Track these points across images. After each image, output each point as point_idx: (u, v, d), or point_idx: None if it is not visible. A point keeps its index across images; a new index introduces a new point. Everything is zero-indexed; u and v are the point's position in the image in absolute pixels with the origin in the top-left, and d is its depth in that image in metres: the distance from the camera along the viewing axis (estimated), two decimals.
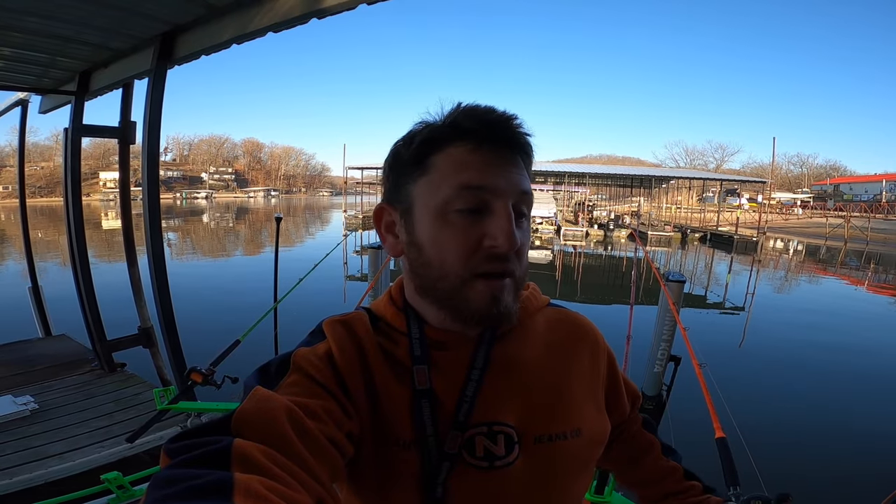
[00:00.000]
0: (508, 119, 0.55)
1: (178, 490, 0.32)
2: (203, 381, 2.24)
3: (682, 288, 4.54)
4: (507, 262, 0.53)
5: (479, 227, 0.53)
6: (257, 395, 0.45)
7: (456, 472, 0.55)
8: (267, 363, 0.54)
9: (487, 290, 0.53)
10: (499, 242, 0.52)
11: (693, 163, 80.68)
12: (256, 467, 0.36)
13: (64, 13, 2.62)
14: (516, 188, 0.54)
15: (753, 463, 2.17)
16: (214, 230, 31.90)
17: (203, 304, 9.28)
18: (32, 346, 4.56)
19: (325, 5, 2.09)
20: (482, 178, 0.53)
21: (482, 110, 0.55)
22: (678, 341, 4.42)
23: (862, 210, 36.23)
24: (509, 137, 0.55)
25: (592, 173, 35.79)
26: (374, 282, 4.64)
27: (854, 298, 13.23)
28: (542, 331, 0.65)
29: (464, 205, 0.53)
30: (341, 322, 0.59)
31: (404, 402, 0.56)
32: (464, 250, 0.53)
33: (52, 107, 4.47)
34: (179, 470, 0.35)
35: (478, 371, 0.58)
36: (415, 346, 0.58)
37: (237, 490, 0.32)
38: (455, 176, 0.53)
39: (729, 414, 2.19)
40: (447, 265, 0.54)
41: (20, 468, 2.50)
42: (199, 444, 0.38)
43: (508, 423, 0.57)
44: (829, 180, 59.12)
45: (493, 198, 0.53)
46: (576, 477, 0.62)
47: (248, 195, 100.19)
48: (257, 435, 0.40)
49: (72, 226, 3.90)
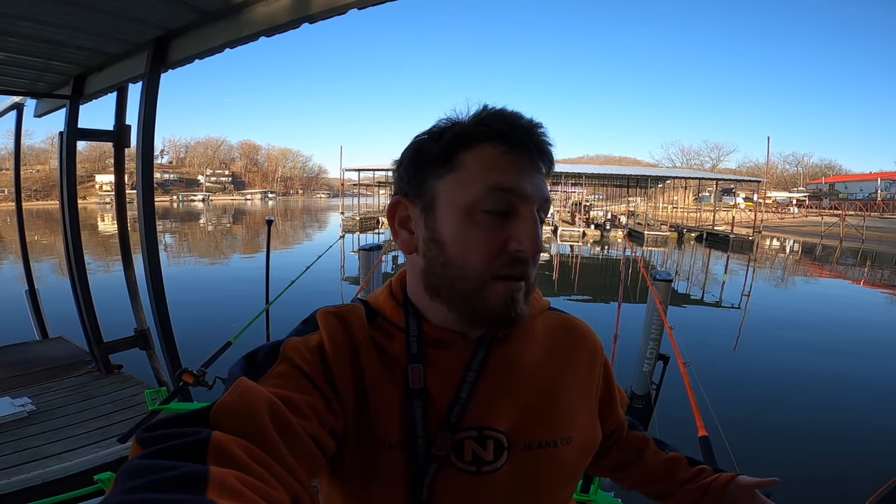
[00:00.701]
0: (537, 126, 0.56)
1: (149, 481, 0.30)
2: (194, 382, 2.27)
3: (669, 287, 4.57)
4: (528, 266, 0.54)
5: (506, 229, 0.53)
6: (240, 387, 0.44)
7: (442, 476, 0.54)
8: (255, 350, 0.53)
9: (506, 293, 0.53)
10: (524, 246, 0.52)
11: (689, 162, 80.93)
12: (233, 462, 0.36)
13: (57, 18, 2.64)
14: (541, 194, 0.55)
15: (735, 464, 2.20)
16: (212, 233, 31.83)
17: (199, 306, 9.29)
18: (30, 349, 4.58)
19: (315, 11, 2.13)
20: (513, 182, 0.53)
21: (512, 114, 0.55)
22: (668, 340, 4.46)
23: (857, 208, 36.46)
24: (538, 144, 0.55)
25: (589, 173, 35.87)
26: (366, 283, 4.65)
27: (848, 297, 13.33)
28: (542, 335, 0.64)
29: (492, 206, 0.52)
30: (336, 314, 0.58)
31: (394, 402, 0.55)
32: (488, 251, 0.53)
33: (48, 110, 4.49)
34: (151, 461, 0.33)
35: (473, 373, 0.57)
36: (412, 343, 0.57)
37: (212, 484, 0.31)
38: (486, 176, 0.53)
39: (712, 413, 2.20)
40: (470, 265, 0.53)
41: (18, 468, 2.53)
42: (175, 435, 0.37)
43: (499, 429, 0.57)
44: (824, 179, 59.40)
45: (521, 202, 0.53)
46: (562, 484, 0.62)
47: (245, 197, 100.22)
48: (236, 428, 0.40)
49: (68, 229, 3.91)
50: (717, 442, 1.85)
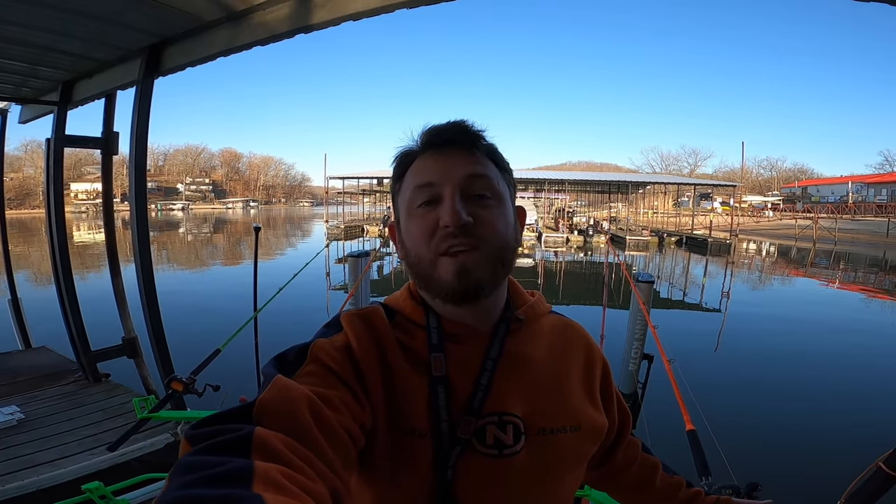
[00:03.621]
0: (455, 125, 0.64)
1: (200, 477, 0.32)
2: (184, 390, 2.27)
3: (651, 287, 4.73)
4: (462, 237, 0.58)
5: (434, 213, 0.60)
6: (279, 384, 0.47)
7: (465, 459, 0.58)
8: (284, 352, 0.57)
9: (452, 265, 0.59)
10: (445, 221, 0.58)
11: (668, 168, 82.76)
12: (276, 456, 0.37)
13: (44, 22, 2.63)
14: (460, 174, 0.61)
15: (723, 455, 2.28)
16: (192, 243, 31.34)
17: (184, 315, 9.18)
18: (13, 358, 4.51)
19: (312, 22, 2.19)
20: (430, 176, 0.62)
21: (439, 126, 0.64)
22: (653, 341, 4.59)
23: (829, 211, 37.61)
24: (452, 137, 0.63)
25: (572, 180, 36.41)
26: (355, 290, 4.68)
27: (821, 295, 13.77)
28: (546, 333, 0.70)
29: (421, 199, 0.62)
30: (359, 316, 0.62)
31: (421, 392, 0.60)
32: (425, 234, 0.60)
33: (33, 117, 4.45)
34: (201, 457, 0.36)
35: (492, 361, 0.63)
36: (432, 335, 0.63)
37: (257, 478, 0.33)
38: (414, 179, 0.63)
39: (698, 408, 2.29)
40: (417, 250, 0.62)
41: (13, 476, 2.51)
42: (221, 432, 0.39)
43: (517, 415, 0.62)
44: (797, 183, 61.25)
45: (442, 188, 0.61)
46: (570, 469, 0.67)
47: (227, 206, 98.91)
48: (278, 424, 0.42)
49: (54, 236, 3.87)
50: (704, 435, 1.93)
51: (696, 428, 1.91)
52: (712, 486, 1.26)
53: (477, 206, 0.61)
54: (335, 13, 2.12)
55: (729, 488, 1.17)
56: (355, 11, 2.05)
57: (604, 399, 0.74)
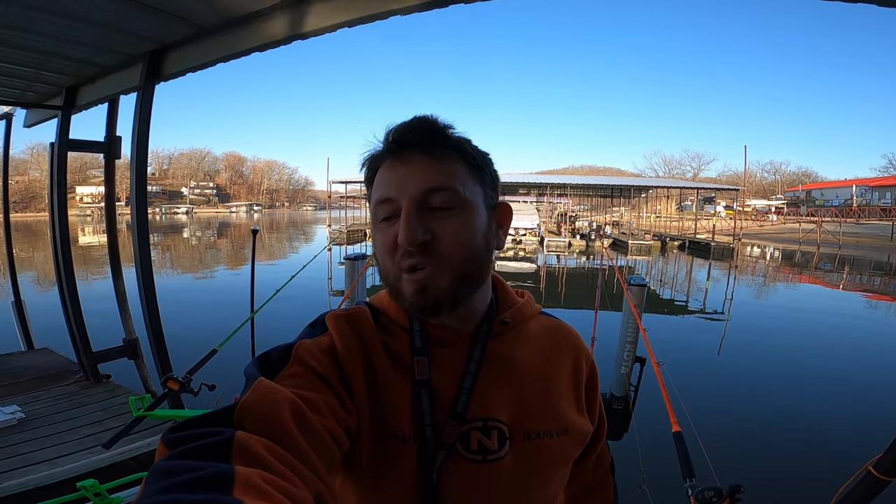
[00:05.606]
0: (416, 125, 0.60)
1: (178, 481, 0.31)
2: (180, 389, 2.27)
3: (643, 291, 4.73)
4: (419, 256, 0.56)
5: (395, 228, 0.57)
6: (261, 386, 0.46)
7: (449, 464, 0.58)
8: (267, 352, 0.55)
9: (412, 283, 0.57)
10: (400, 239, 0.56)
11: (671, 172, 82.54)
12: (257, 461, 0.36)
13: (47, 29, 2.69)
14: (418, 187, 0.57)
15: (707, 457, 2.29)
16: (196, 246, 31.49)
17: (185, 318, 9.23)
18: (16, 359, 4.56)
19: (308, 29, 2.24)
20: (388, 191, 0.58)
21: (400, 126, 0.60)
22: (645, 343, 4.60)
23: (833, 215, 37.41)
24: (411, 141, 0.59)
25: (574, 184, 36.41)
26: (350, 292, 4.71)
27: (826, 301, 13.70)
28: (535, 336, 0.69)
29: (382, 215, 0.59)
30: (345, 316, 0.61)
31: (405, 396, 0.59)
32: (388, 251, 0.58)
33: (38, 121, 4.51)
34: (178, 461, 0.34)
35: (475, 364, 0.62)
36: (416, 338, 0.62)
37: (237, 483, 0.32)
38: (376, 193, 0.60)
39: (685, 411, 2.30)
40: (385, 264, 0.60)
41: (11, 473, 2.55)
42: (200, 436, 0.38)
43: (501, 420, 0.61)
44: (801, 186, 60.91)
45: (399, 204, 0.57)
46: (555, 472, 0.66)
47: (230, 210, 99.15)
48: (259, 427, 0.41)
49: (58, 239, 3.93)
50: (690, 438, 1.93)
51: (683, 430, 1.91)
52: (695, 488, 1.27)
53: (437, 219, 0.57)
54: (330, 20, 2.16)
55: (711, 490, 1.19)
56: (349, 18, 2.10)
57: (588, 402, 0.73)
